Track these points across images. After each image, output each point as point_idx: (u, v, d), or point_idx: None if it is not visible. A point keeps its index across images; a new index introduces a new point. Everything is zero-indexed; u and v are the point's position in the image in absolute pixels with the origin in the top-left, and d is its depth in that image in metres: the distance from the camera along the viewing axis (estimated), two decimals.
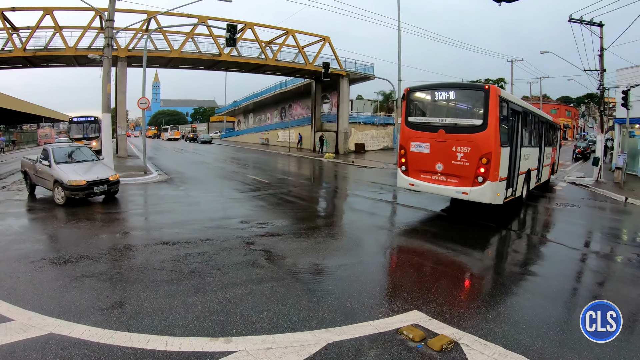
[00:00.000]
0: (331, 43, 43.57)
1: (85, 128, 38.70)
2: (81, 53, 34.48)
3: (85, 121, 39.34)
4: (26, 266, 8.29)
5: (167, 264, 8.51)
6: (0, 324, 5.85)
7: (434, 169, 13.16)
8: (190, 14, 35.65)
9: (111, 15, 22.91)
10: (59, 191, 14.75)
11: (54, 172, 15.05)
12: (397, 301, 6.72)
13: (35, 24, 34.53)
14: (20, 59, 36.63)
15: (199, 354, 5.07)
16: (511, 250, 10.54)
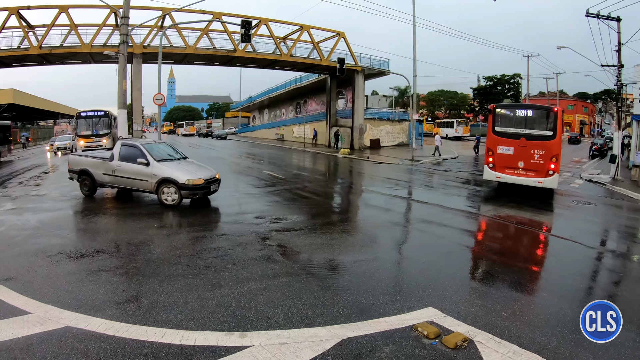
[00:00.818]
0: (346, 38, 43.42)
1: (95, 124, 36.15)
2: (97, 50, 34.69)
3: (94, 116, 36.51)
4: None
5: (183, 259, 8.57)
6: (18, 317, 5.93)
7: (516, 165, 17.53)
8: (204, 10, 35.74)
9: (126, 12, 23.09)
10: (170, 192, 13.91)
11: (159, 171, 14.08)
12: (412, 298, 6.70)
13: (51, 21, 34.76)
14: (36, 56, 36.95)
15: (214, 348, 5.10)
16: (523, 247, 10.44)
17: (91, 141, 34.64)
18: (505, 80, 72.97)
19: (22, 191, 17.46)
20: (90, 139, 34.84)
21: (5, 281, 7.27)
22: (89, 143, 34.25)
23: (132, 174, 14.44)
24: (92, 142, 34.52)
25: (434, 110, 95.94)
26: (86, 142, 34.38)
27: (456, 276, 7.76)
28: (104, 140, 35.17)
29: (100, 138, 35.26)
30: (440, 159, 33.68)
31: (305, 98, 63.53)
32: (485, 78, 75.85)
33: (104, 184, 15.23)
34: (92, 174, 15.27)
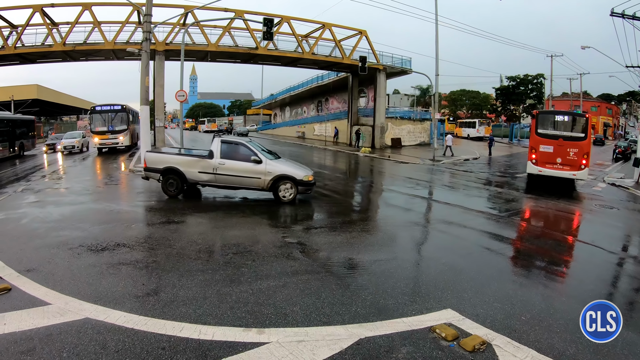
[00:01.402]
0: (368, 37, 43.26)
1: (111, 119, 34.60)
2: (120, 47, 35.06)
3: (110, 110, 34.85)
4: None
5: (203, 254, 8.61)
6: (38, 307, 6.01)
7: (555, 161, 20.59)
8: (227, 8, 35.82)
9: (149, 10, 23.26)
10: (287, 188, 14.18)
11: (274, 168, 14.27)
12: (430, 299, 6.64)
13: (75, 19, 35.21)
14: (60, 53, 37.44)
15: (232, 344, 5.10)
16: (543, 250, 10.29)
17: (106, 138, 33.96)
18: (528, 80, 71.87)
19: (45, 184, 17.72)
20: (105, 135, 33.87)
21: (27, 272, 7.38)
22: (103, 140, 33.94)
23: (241, 171, 14.28)
24: (107, 140, 34.01)
25: (456, 110, 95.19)
26: (101, 139, 33.89)
27: (475, 278, 7.66)
28: (121, 137, 34.27)
29: (116, 135, 34.18)
30: (453, 159, 33.33)
31: (326, 96, 63.47)
32: (508, 78, 74.83)
33: (199, 182, 14.77)
34: (182, 173, 14.55)
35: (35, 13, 34.51)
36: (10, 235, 9.98)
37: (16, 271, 7.40)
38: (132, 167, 23.73)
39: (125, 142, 34.54)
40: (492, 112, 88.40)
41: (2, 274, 7.28)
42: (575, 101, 74.79)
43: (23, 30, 35.50)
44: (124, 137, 34.26)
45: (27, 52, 36.41)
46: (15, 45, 35.38)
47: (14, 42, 35.32)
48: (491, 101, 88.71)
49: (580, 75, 67.85)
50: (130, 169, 23.31)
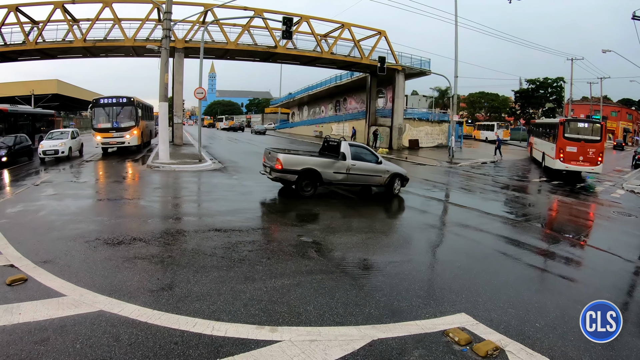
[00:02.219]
0: (387, 37, 43.17)
1: (116, 114, 29.48)
2: (139, 44, 35.38)
3: (114, 103, 29.60)
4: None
5: (218, 251, 8.63)
6: (54, 298, 6.06)
7: (577, 159, 26.17)
8: (246, 7, 35.96)
9: (169, 7, 23.47)
10: (397, 184, 16.87)
11: (389, 167, 16.83)
12: (444, 302, 6.59)
13: (95, 16, 35.68)
14: (80, 49, 37.89)
15: (244, 341, 5.10)
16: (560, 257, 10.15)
17: (110, 136, 29.00)
18: (547, 83, 70.98)
19: (64, 178, 17.92)
20: (108, 133, 28.92)
21: (43, 263, 7.46)
22: (106, 139, 28.98)
23: (368, 171, 16.14)
24: (111, 138, 29.05)
25: (475, 112, 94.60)
26: (103, 137, 28.86)
27: (491, 283, 7.59)
28: (127, 135, 29.33)
29: (122, 133, 29.25)
30: (471, 162, 33.06)
31: (345, 96, 63.48)
32: (527, 81, 73.96)
33: (332, 182, 15.59)
34: (319, 173, 15.14)
35: (56, 9, 35.06)
36: (28, 227, 10.09)
37: (33, 262, 7.49)
38: (150, 163, 23.81)
39: (132, 142, 29.73)
40: (510, 115, 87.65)
41: (19, 264, 7.37)
42: (595, 106, 73.87)
43: (44, 26, 36.04)
44: (131, 135, 29.47)
45: (48, 47, 36.91)
46: (37, 41, 35.86)
47: (35, 38, 35.82)
48: (510, 104, 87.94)
49: (601, 80, 67.06)
50: (149, 164, 23.39)
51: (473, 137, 68.66)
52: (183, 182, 18.44)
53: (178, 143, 36.47)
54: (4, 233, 9.33)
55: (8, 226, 9.99)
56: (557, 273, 8.67)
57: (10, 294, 6.23)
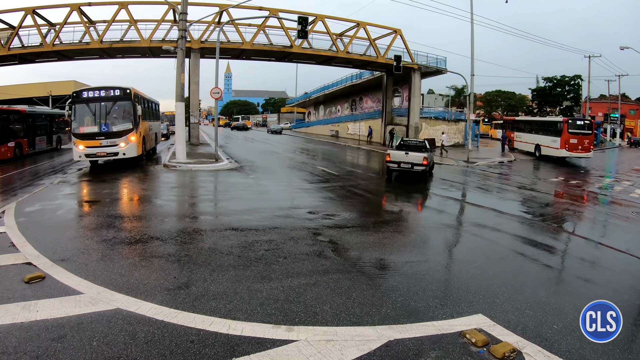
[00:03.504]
0: (403, 36, 43.03)
1: (105, 111, 21.08)
2: (155, 45, 35.71)
3: (103, 97, 21.02)
4: None
5: (235, 250, 8.64)
6: (71, 296, 6.11)
7: (578, 148, 33.80)
8: (261, 7, 36.13)
9: (184, 8, 23.63)
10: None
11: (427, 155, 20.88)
12: (461, 303, 6.51)
13: (111, 17, 36.18)
14: (97, 50, 38.33)
15: (260, 340, 5.09)
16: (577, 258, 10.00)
17: (97, 145, 20.52)
18: (565, 81, 70.09)
19: (81, 177, 18.01)
20: (95, 140, 20.48)
21: (61, 262, 7.53)
22: (92, 149, 20.45)
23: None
24: (98, 148, 20.59)
25: (491, 111, 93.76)
26: (88, 146, 20.39)
27: (508, 284, 7.48)
28: (121, 143, 20.90)
29: (114, 140, 20.87)
30: (488, 162, 32.78)
31: (360, 95, 63.37)
32: (544, 79, 73.19)
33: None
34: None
35: (72, 12, 35.55)
36: (46, 226, 10.20)
37: (51, 260, 7.56)
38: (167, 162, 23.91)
39: (129, 151, 21.26)
40: (527, 113, 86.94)
41: (37, 262, 7.44)
42: (613, 104, 72.84)
43: (61, 28, 36.52)
44: (128, 142, 21.01)
45: (65, 49, 37.44)
46: (54, 43, 36.32)
47: (52, 40, 36.32)
48: (527, 102, 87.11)
49: (619, 77, 66.15)
50: (166, 164, 23.49)
51: (490, 136, 68.17)
52: (200, 181, 18.55)
53: (195, 143, 36.66)
54: (22, 231, 9.43)
55: (26, 225, 10.09)
56: (575, 274, 8.54)
57: (28, 291, 6.29)
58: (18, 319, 5.39)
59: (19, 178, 18.94)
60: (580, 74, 68.66)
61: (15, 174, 20.08)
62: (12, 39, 36.42)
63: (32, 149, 28.86)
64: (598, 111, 78.81)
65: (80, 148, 20.22)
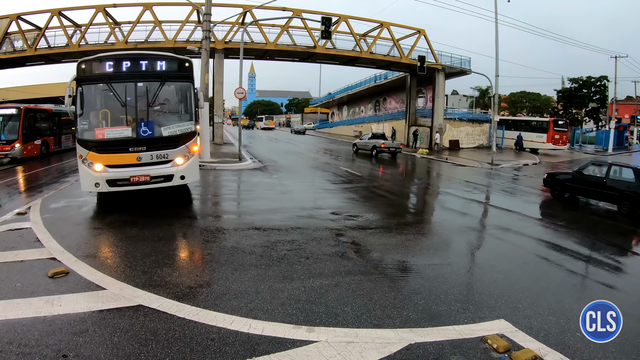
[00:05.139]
0: (426, 36, 42.73)
1: (146, 99, 11.72)
2: (180, 45, 35.93)
3: (139, 73, 11.75)
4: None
5: (257, 249, 8.66)
6: (94, 291, 6.18)
7: (560, 142, 43.63)
8: (285, 7, 36.20)
9: (208, 9, 23.77)
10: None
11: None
12: (484, 307, 6.44)
13: (136, 18, 36.65)
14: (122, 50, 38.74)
15: (281, 340, 5.09)
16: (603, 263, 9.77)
17: (132, 163, 11.60)
18: (591, 82, 68.76)
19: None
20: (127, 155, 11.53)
21: (85, 257, 7.64)
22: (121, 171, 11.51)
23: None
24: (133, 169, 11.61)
25: (516, 112, 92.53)
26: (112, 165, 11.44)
27: (531, 289, 7.37)
28: (178, 158, 12.09)
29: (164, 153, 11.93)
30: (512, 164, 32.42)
31: (384, 96, 63.14)
32: (570, 80, 72.00)
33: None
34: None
35: (98, 13, 36.08)
36: (71, 222, 10.34)
37: (74, 256, 7.68)
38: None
39: (189, 175, 12.55)
40: (553, 115, 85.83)
41: (61, 258, 7.55)
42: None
43: (87, 29, 37.14)
44: (186, 157, 12.25)
45: (91, 49, 37.83)
46: (79, 44, 36.91)
47: (78, 41, 36.95)
48: (552, 104, 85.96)
49: None
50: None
51: None
52: (223, 180, 18.62)
53: (218, 142, 36.82)
54: (48, 227, 9.57)
55: (51, 221, 10.23)
56: (599, 280, 8.36)
57: (52, 285, 6.40)
58: (41, 312, 5.48)
59: (45, 175, 19.24)
60: (606, 75, 67.37)
61: (41, 171, 20.42)
62: (38, 40, 37.15)
63: (58, 147, 29.31)
64: (625, 113, 77.51)
65: (97, 169, 11.21)
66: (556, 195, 17.53)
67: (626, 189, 14.75)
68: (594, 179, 16.16)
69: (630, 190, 14.59)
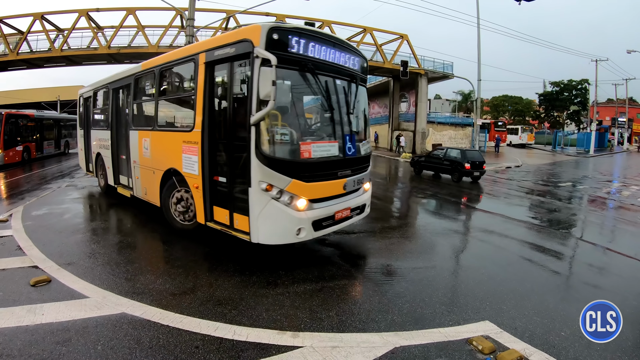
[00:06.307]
0: (409, 41, 43.05)
1: (347, 106, 8.59)
2: (163, 50, 35.62)
3: (341, 69, 8.51)
4: None
5: (241, 255, 8.59)
6: (77, 300, 6.14)
7: (506, 139, 56.88)
8: (268, 13, 36.34)
9: (191, 14, 23.73)
10: None
11: None
12: (468, 310, 6.47)
13: (119, 23, 36.58)
14: (105, 55, 38.70)
15: (266, 346, 5.09)
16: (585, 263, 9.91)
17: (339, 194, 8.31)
18: (572, 86, 69.94)
19: (88, 181, 18.09)
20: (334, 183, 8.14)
21: (67, 265, 7.56)
22: (329, 206, 8.01)
23: None
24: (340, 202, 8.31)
25: (498, 115, 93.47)
26: (317, 199, 7.79)
27: (516, 290, 7.43)
28: (366, 184, 9.50)
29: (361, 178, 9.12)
30: (495, 168, 32.69)
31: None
32: (551, 83, 73.10)
33: None
34: None
35: (81, 17, 35.91)
36: (53, 229, 10.22)
37: (57, 264, 7.60)
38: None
39: (368, 203, 9.69)
40: (535, 118, 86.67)
41: (43, 266, 7.48)
42: (620, 107, 72.73)
43: (69, 34, 36.99)
44: (368, 181, 9.65)
45: (73, 54, 37.78)
46: (62, 48, 36.70)
47: (61, 45, 36.74)
48: (534, 107, 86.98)
49: (626, 81, 66.40)
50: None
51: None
52: None
53: None
54: (29, 235, 9.48)
55: (33, 228, 10.13)
56: (583, 280, 8.47)
57: (34, 294, 6.32)
58: (24, 321, 5.42)
59: (27, 182, 19.05)
60: (587, 78, 68.64)
61: (22, 178, 20.21)
62: (20, 44, 36.87)
63: (40, 153, 29.15)
64: (605, 115, 78.63)
65: (301, 206, 7.55)
66: (416, 172, 27.03)
67: (454, 162, 23.49)
68: (436, 158, 25.11)
69: (457, 162, 23.31)
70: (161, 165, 9.97)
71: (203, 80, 8.21)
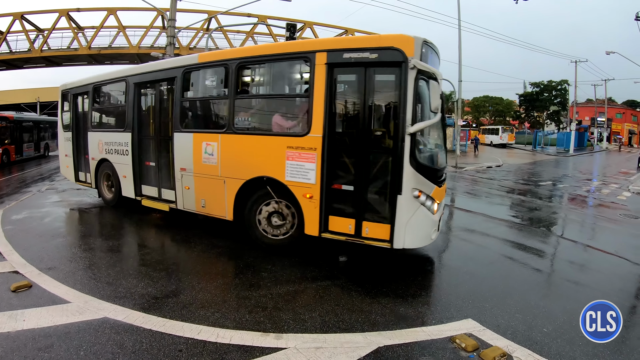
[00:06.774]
0: None
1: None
2: (144, 51, 35.73)
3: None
4: None
5: (223, 258, 8.61)
6: (58, 305, 6.09)
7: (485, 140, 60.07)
8: (250, 14, 36.27)
9: (173, 15, 23.66)
10: None
11: None
12: (451, 308, 6.53)
13: (100, 23, 36.37)
14: (85, 56, 38.45)
15: (249, 348, 5.08)
16: (566, 261, 10.04)
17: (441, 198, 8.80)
18: (552, 86, 70.85)
19: (68, 185, 17.90)
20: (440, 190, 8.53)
21: (47, 270, 7.48)
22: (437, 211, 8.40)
23: None
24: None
25: (479, 116, 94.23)
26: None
27: (497, 288, 7.51)
28: None
29: None
30: (476, 167, 32.99)
31: None
32: (531, 84, 73.99)
33: None
34: None
35: (61, 17, 35.60)
36: (32, 234, 10.12)
37: (37, 269, 7.51)
38: None
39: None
40: (515, 118, 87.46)
41: (24, 271, 7.40)
42: (599, 108, 73.83)
43: (49, 34, 36.59)
44: None
45: (53, 55, 37.43)
46: (42, 49, 36.32)
47: (40, 46, 36.40)
48: (514, 108, 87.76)
49: (605, 82, 67.18)
50: None
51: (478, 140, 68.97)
52: None
53: None
54: (9, 239, 9.37)
55: (13, 233, 10.02)
56: (564, 277, 8.57)
57: (15, 300, 6.25)
58: (4, 328, 5.35)
59: (6, 185, 18.84)
60: (567, 79, 69.68)
61: (1, 181, 20.01)
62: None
63: (19, 156, 28.79)
64: (585, 115, 79.71)
65: (436, 209, 8.18)
66: None
67: None
68: None
69: None
70: (241, 173, 9.10)
71: (324, 82, 7.87)
